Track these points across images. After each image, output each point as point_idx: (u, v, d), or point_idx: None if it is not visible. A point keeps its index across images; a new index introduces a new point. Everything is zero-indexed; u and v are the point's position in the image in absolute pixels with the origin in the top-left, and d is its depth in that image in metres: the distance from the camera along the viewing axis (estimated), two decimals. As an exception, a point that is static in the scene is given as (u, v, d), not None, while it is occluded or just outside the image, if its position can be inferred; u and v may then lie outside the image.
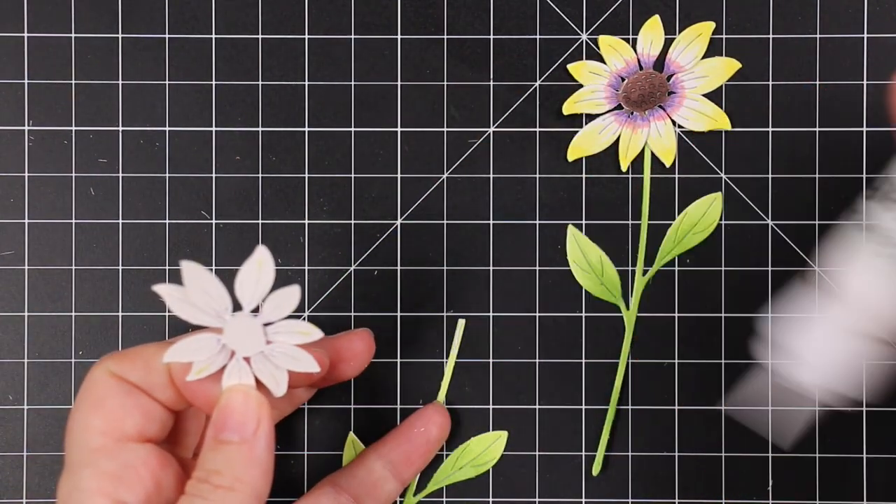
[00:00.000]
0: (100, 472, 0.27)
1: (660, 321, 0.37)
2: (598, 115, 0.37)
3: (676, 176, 0.37)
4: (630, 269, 0.37)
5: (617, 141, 0.37)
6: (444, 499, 0.36)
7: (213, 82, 0.37)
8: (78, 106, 0.37)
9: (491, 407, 0.37)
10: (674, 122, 0.36)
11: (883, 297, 0.30)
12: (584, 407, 0.37)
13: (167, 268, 0.37)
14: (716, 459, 0.36)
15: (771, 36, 0.37)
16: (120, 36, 0.37)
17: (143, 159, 0.37)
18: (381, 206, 0.37)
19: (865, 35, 0.37)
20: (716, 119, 0.36)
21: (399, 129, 0.37)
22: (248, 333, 0.28)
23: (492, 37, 0.37)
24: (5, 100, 0.37)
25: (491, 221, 0.37)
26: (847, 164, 0.37)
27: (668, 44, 0.37)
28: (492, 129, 0.37)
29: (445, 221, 0.37)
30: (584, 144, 0.37)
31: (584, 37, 0.37)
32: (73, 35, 0.37)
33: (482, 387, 0.37)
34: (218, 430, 0.27)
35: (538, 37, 0.37)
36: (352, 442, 0.36)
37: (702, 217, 0.36)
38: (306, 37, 0.37)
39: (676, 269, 0.37)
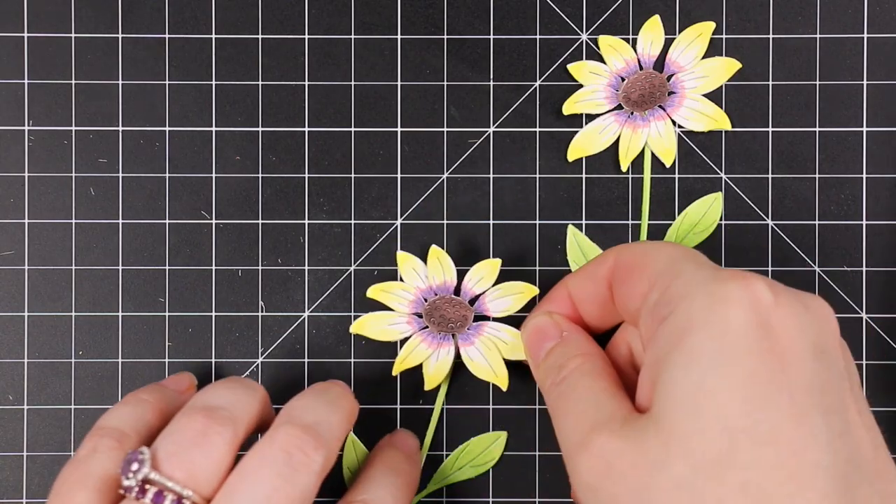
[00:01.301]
0: None
1: (660, 321, 0.37)
2: (598, 115, 0.37)
3: (676, 176, 0.37)
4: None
5: (617, 141, 0.37)
6: (444, 499, 0.36)
7: (213, 82, 0.37)
8: (78, 106, 0.37)
9: (491, 407, 0.37)
10: (674, 122, 0.36)
11: None
12: (584, 407, 0.37)
13: (167, 268, 0.37)
14: (716, 459, 0.36)
15: (771, 36, 0.37)
16: (120, 36, 0.37)
17: (143, 159, 0.37)
18: (381, 206, 0.37)
19: (865, 35, 0.37)
20: (716, 119, 0.36)
21: (399, 129, 0.37)
22: None
23: (492, 37, 0.37)
24: (5, 100, 0.37)
25: (491, 221, 0.37)
26: (847, 164, 0.37)
27: (668, 44, 0.37)
28: (492, 129, 0.37)
29: (445, 221, 0.37)
30: (584, 144, 0.37)
31: (584, 37, 0.37)
32: (73, 35, 0.37)
33: (482, 387, 0.37)
34: None
35: (538, 37, 0.37)
36: (352, 442, 0.36)
37: (702, 217, 0.36)
38: (306, 37, 0.37)
39: (676, 269, 0.37)
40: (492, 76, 0.37)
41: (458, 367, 0.36)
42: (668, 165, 0.37)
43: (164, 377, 0.36)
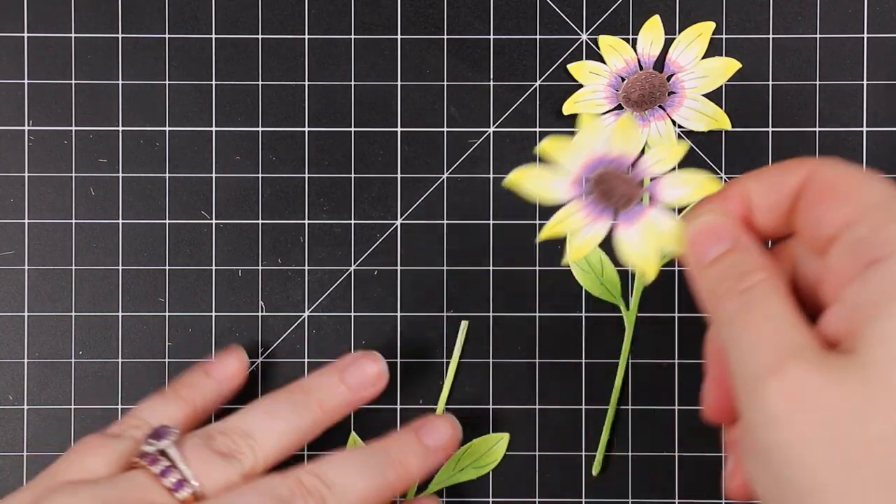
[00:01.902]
0: None
1: (660, 321, 0.37)
2: (598, 115, 0.37)
3: (676, 176, 0.37)
4: (630, 269, 0.37)
5: (617, 141, 0.36)
6: (444, 499, 0.36)
7: (213, 82, 0.37)
8: (78, 106, 0.37)
9: (491, 407, 0.37)
10: (674, 122, 0.36)
11: None
12: (584, 407, 0.37)
13: (167, 268, 0.37)
14: (716, 459, 0.36)
15: (771, 36, 0.37)
16: (120, 36, 0.37)
17: (143, 159, 0.37)
18: (381, 206, 0.37)
19: (865, 35, 0.37)
20: (716, 119, 0.36)
21: (399, 129, 0.37)
22: None
23: (492, 37, 0.37)
24: (5, 100, 0.37)
25: (491, 221, 0.37)
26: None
27: (668, 44, 0.37)
28: (492, 129, 0.37)
29: (445, 221, 0.37)
30: (584, 144, 0.36)
31: (584, 37, 0.37)
32: (73, 35, 0.37)
33: (482, 387, 0.37)
34: None
35: (538, 37, 0.37)
36: (353, 442, 0.36)
37: (702, 217, 0.36)
38: (306, 37, 0.37)
39: (676, 269, 0.37)
40: (492, 76, 0.37)
41: (461, 366, 0.36)
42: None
43: (164, 377, 0.36)
